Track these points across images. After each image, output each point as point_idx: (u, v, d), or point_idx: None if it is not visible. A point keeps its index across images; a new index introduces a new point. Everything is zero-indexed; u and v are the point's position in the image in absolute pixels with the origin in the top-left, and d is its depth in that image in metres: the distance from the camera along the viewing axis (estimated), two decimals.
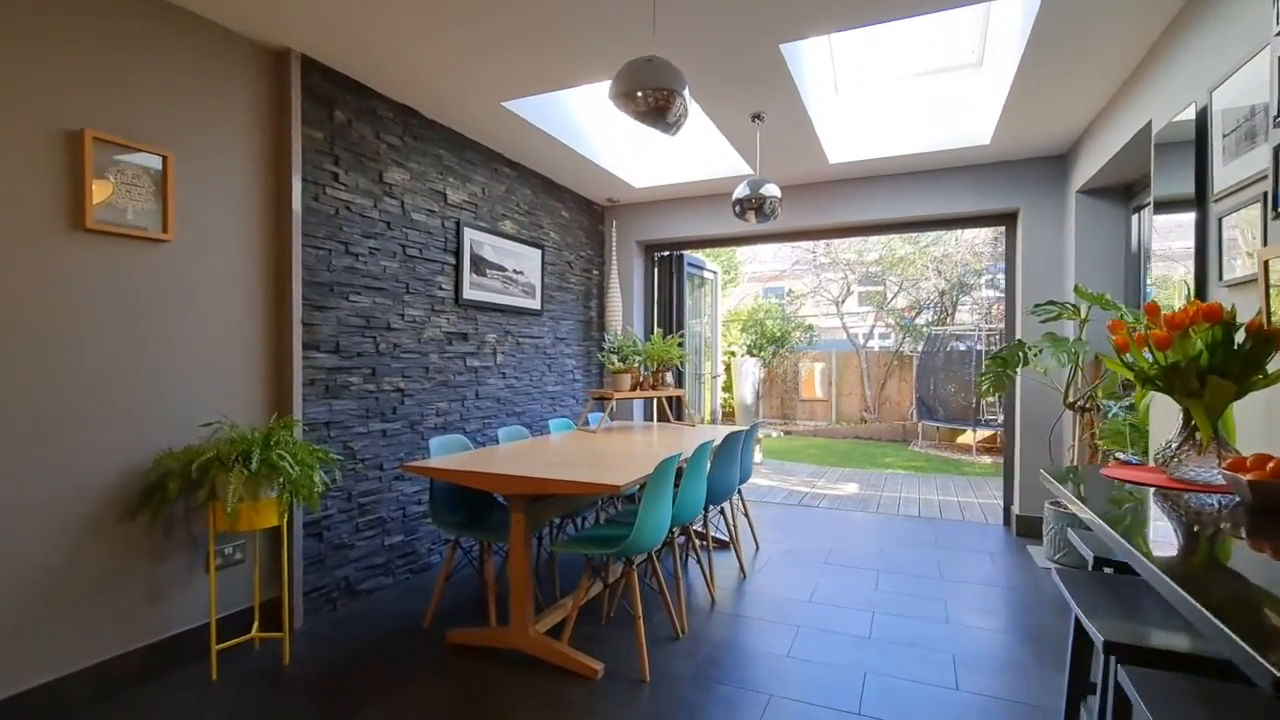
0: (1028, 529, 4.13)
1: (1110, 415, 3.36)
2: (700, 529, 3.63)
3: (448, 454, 2.88)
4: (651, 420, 5.48)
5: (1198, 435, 1.50)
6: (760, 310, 14.95)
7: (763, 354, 13.99)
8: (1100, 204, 3.77)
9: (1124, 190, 3.71)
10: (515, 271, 4.20)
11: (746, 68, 2.90)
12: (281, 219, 2.71)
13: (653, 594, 3.06)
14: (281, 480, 2.30)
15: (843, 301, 15.51)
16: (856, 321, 15.85)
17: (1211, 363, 1.45)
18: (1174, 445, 1.56)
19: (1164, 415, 2.52)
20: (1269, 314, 1.66)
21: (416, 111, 3.39)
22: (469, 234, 3.76)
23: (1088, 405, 3.53)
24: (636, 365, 3.78)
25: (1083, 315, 3.44)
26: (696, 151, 4.70)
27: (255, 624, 2.53)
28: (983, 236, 12.96)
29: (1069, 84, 3.06)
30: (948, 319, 13.84)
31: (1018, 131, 3.66)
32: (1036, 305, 3.58)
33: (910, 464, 8.47)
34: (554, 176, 4.60)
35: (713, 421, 7.08)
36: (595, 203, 5.28)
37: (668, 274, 5.57)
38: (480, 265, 3.86)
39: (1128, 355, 1.60)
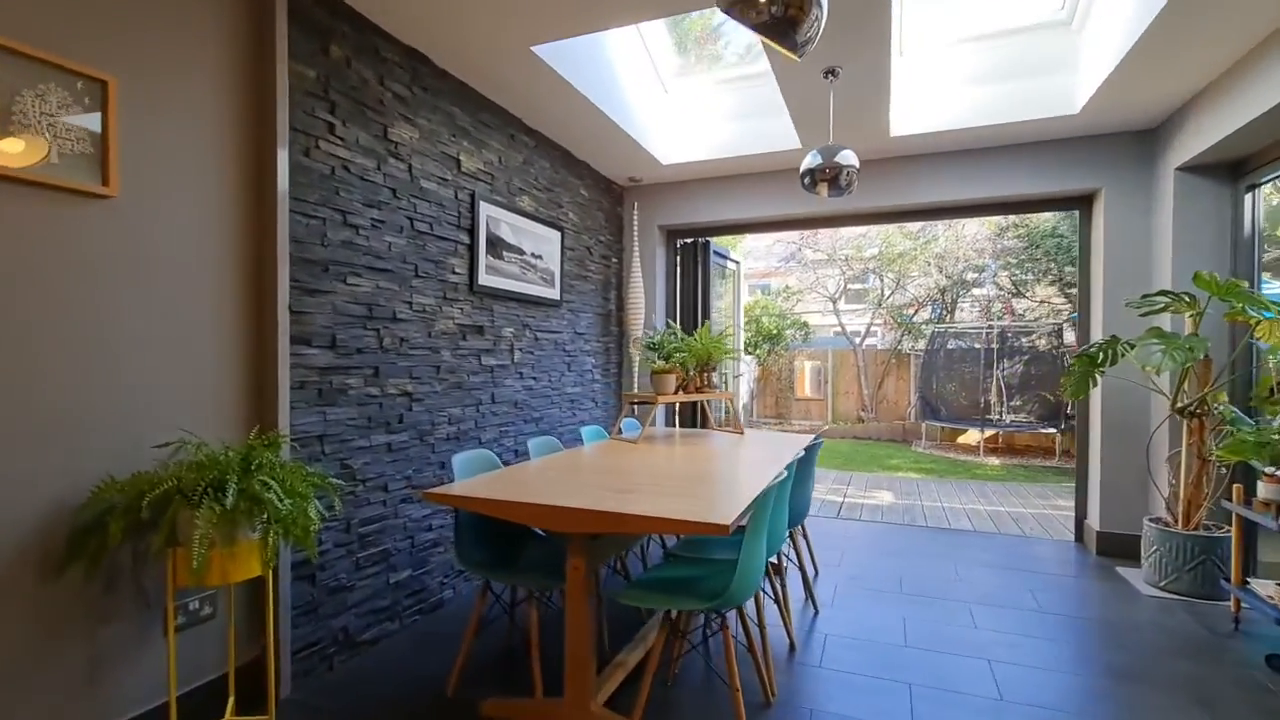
0: (1110, 547, 3.70)
1: (1233, 422, 2.93)
2: (773, 559, 3.12)
3: (475, 474, 2.32)
4: (673, 425, 4.95)
5: None
6: (757, 306, 14.53)
7: (758, 352, 13.60)
8: (1204, 183, 3.34)
9: (1231, 167, 3.29)
10: (534, 255, 3.64)
11: (840, 2, 2.38)
12: (263, 176, 2.12)
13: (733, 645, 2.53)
14: (266, 517, 1.72)
15: (839, 299, 15.18)
16: (853, 319, 15.54)
17: None
18: None
19: None
20: None
21: (426, 58, 2.81)
22: (485, 209, 3.18)
23: (1198, 410, 3.10)
24: (681, 364, 3.25)
25: (1200, 308, 3.00)
26: (732, 125, 4.19)
27: (230, 699, 1.94)
28: (985, 232, 12.70)
29: (1214, 34, 2.59)
30: (948, 317, 13.59)
31: (1121, 97, 3.20)
32: (1145, 295, 3.14)
33: (919, 466, 8.10)
34: (574, 149, 4.04)
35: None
36: (615, 182, 4.73)
37: (692, 263, 5.04)
38: (497, 246, 3.29)
39: None
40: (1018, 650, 2.52)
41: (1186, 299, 3.01)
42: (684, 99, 4.23)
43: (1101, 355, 3.41)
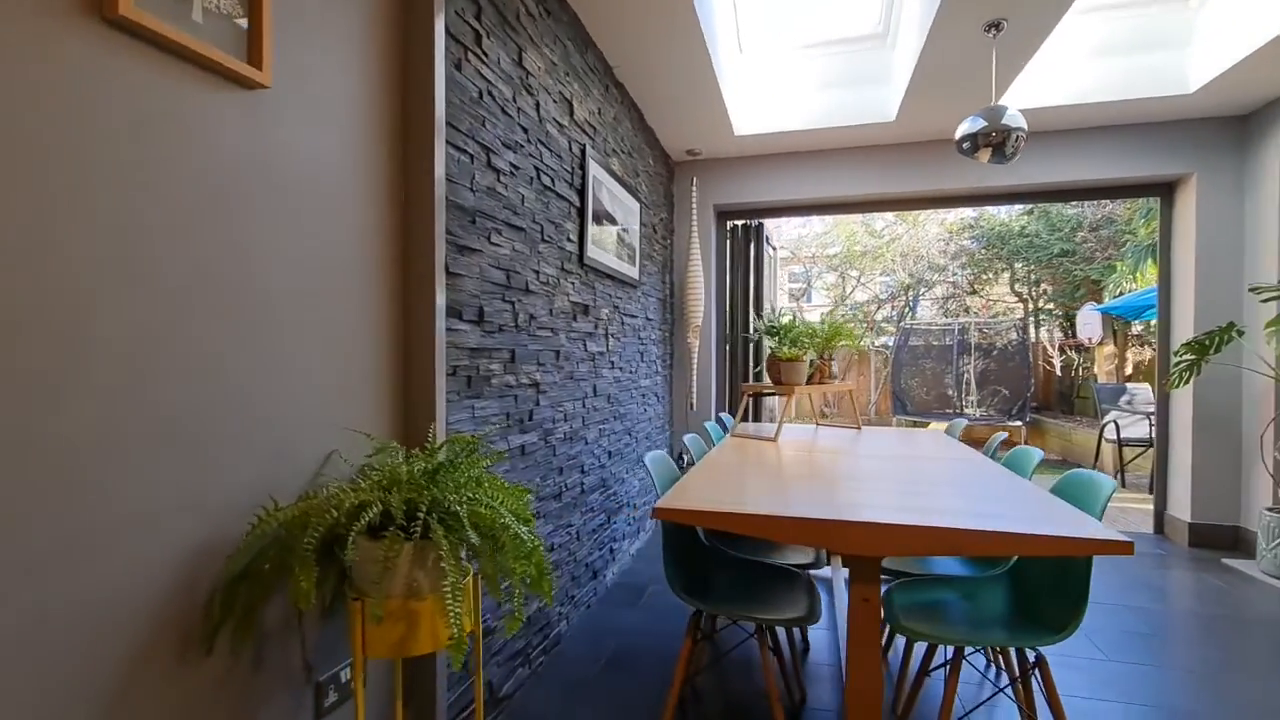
0: (1204, 539, 3.63)
1: None
2: None
3: (669, 480, 1.86)
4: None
5: None
6: None
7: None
8: None
9: None
10: (624, 228, 3.17)
11: None
12: (415, 86, 1.58)
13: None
14: (500, 553, 1.21)
15: (802, 296, 15.32)
16: (814, 316, 15.71)
17: None
18: None
19: None
20: None
21: None
22: (592, 168, 2.69)
23: None
24: (807, 351, 2.88)
25: None
26: (812, 95, 3.86)
27: None
28: (943, 232, 13.11)
29: None
30: (910, 315, 13.94)
31: (1244, 79, 3.10)
32: None
33: None
34: (648, 112, 3.59)
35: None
36: (670, 155, 4.30)
37: (742, 246, 4.68)
38: (598, 214, 2.80)
39: None
40: (1211, 657, 2.31)
41: None
42: (760, 63, 3.87)
43: (1212, 342, 3.32)
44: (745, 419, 4.18)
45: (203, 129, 1.08)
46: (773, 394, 2.89)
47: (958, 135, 2.69)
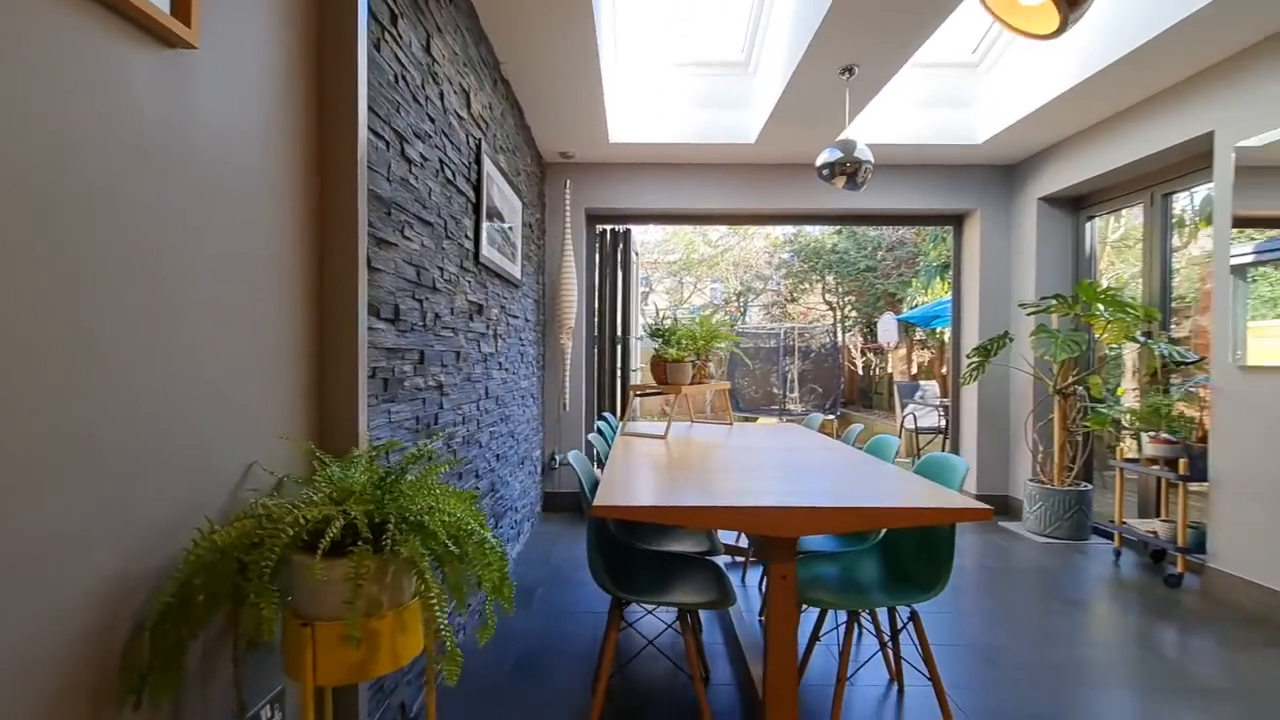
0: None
1: (1101, 401, 3.76)
2: None
3: (591, 478, 1.89)
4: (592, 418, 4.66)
5: None
6: None
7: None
8: (1056, 212, 4.23)
9: (1073, 201, 4.22)
10: (509, 226, 3.11)
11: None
12: (337, 64, 1.45)
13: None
14: (465, 561, 1.18)
15: (645, 299, 15.91)
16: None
17: None
18: None
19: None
20: None
21: None
22: (486, 163, 2.62)
23: (1069, 392, 3.92)
24: (692, 353, 3.06)
25: (1074, 309, 3.79)
26: (684, 112, 4.10)
27: None
28: (767, 245, 14.47)
29: (1110, 97, 3.29)
30: (742, 319, 15.13)
31: (1015, 136, 3.89)
32: (1043, 298, 3.86)
33: None
34: (528, 110, 3.55)
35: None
36: (544, 156, 4.28)
37: (610, 251, 4.80)
38: (491, 211, 2.73)
39: None
40: (1003, 600, 2.90)
41: (1067, 301, 3.78)
42: (633, 75, 4.01)
43: (992, 347, 4.11)
44: (630, 419, 4.31)
45: (122, 86, 0.91)
46: (657, 393, 3.03)
47: (818, 163, 3.05)
